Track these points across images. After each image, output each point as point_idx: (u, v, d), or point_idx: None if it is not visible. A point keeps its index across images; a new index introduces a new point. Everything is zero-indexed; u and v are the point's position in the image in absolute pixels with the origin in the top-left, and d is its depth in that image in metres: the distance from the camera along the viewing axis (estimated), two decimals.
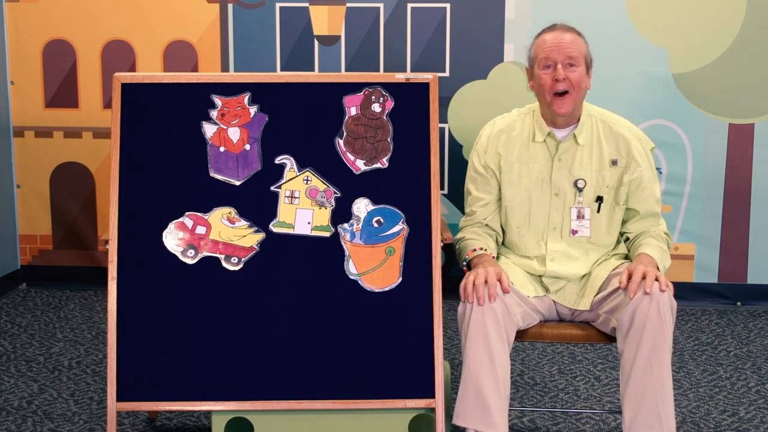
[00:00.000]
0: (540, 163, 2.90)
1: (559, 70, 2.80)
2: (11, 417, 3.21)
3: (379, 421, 2.80)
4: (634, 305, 2.65)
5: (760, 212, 4.47)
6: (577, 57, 2.82)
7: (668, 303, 2.66)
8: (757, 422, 3.23)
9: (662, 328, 2.63)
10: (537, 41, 2.89)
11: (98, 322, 4.22)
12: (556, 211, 2.90)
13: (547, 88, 2.83)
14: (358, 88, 2.88)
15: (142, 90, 2.87)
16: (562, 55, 2.81)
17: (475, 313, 2.66)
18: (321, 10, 4.43)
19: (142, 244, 2.80)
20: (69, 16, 4.52)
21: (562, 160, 2.89)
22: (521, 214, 2.92)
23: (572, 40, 2.83)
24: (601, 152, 2.89)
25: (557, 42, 2.82)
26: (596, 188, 2.89)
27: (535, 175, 2.90)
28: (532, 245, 2.92)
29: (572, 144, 2.89)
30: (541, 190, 2.90)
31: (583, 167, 2.89)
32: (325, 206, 2.84)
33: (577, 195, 2.89)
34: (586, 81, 2.87)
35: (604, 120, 2.93)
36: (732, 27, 4.33)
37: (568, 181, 2.89)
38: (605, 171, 2.89)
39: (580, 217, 2.90)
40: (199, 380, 2.76)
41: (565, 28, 2.87)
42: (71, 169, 4.64)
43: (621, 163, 2.89)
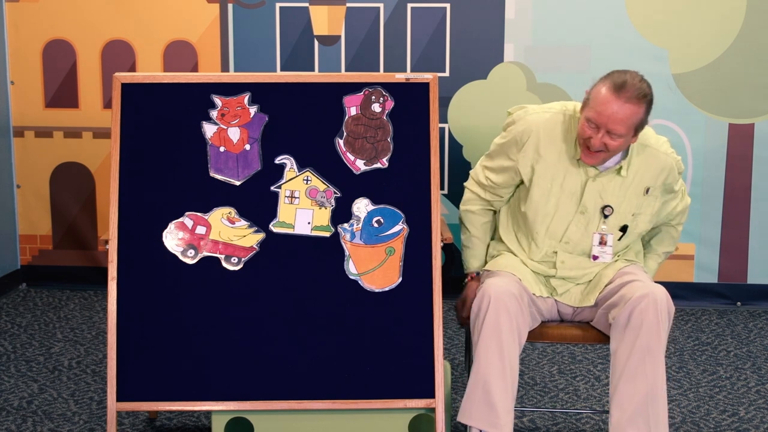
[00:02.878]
0: (575, 176, 2.81)
1: (598, 138, 2.66)
2: (11, 417, 3.21)
3: (379, 421, 2.80)
4: (632, 304, 2.65)
5: (760, 212, 4.47)
6: (623, 133, 2.65)
7: (666, 306, 2.65)
8: (757, 422, 3.23)
9: (658, 330, 2.62)
10: (598, 88, 2.68)
11: (98, 322, 4.22)
12: (575, 226, 2.85)
13: (582, 138, 2.72)
14: (358, 88, 2.88)
15: (142, 90, 2.87)
16: (607, 126, 2.64)
17: (491, 311, 2.66)
18: (321, 10, 4.43)
19: (142, 244, 2.80)
20: (69, 16, 4.51)
21: (596, 182, 2.81)
22: (544, 222, 2.85)
23: (627, 115, 2.63)
24: (638, 180, 2.82)
25: (610, 111, 2.62)
26: (623, 217, 2.84)
27: (567, 186, 2.82)
28: (543, 251, 2.88)
29: (611, 172, 2.81)
30: (569, 201, 2.83)
31: (615, 194, 2.81)
32: (325, 206, 2.84)
33: (601, 222, 2.84)
34: (630, 141, 2.73)
35: (646, 144, 2.82)
36: (732, 27, 4.33)
37: (597, 204, 2.82)
38: (637, 198, 2.83)
39: (603, 243, 2.85)
40: (199, 380, 2.76)
41: (629, 95, 2.62)
42: (71, 169, 4.64)
43: (654, 192, 2.83)
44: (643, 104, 2.65)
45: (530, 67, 4.39)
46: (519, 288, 2.76)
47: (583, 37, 4.37)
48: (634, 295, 2.67)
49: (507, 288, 2.71)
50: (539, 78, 4.39)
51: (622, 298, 2.71)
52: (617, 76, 2.66)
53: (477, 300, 2.72)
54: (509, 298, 2.69)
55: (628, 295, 2.70)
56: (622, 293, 2.73)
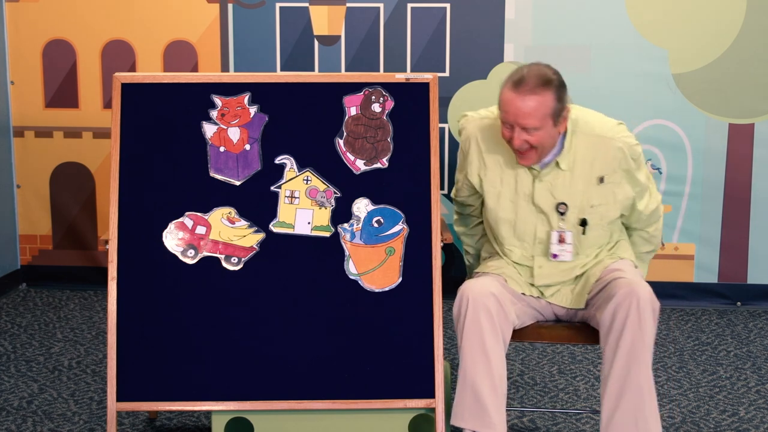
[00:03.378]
0: (523, 177, 2.79)
1: (515, 137, 2.66)
2: (11, 417, 3.21)
3: (379, 421, 2.80)
4: (615, 303, 2.62)
5: (760, 212, 4.47)
6: (536, 125, 2.63)
7: (649, 303, 2.61)
8: (757, 422, 3.23)
9: (641, 329, 2.59)
10: (502, 90, 2.69)
11: (98, 322, 4.22)
12: (541, 227, 2.82)
13: (506, 139, 2.71)
14: (358, 88, 2.88)
15: (142, 90, 2.87)
16: (519, 123, 2.64)
17: (471, 312, 2.65)
18: (321, 10, 4.43)
19: (142, 244, 2.80)
20: (69, 16, 4.51)
21: (543, 182, 2.78)
22: (507, 226, 2.84)
23: (532, 108, 2.61)
24: (586, 171, 2.77)
25: (515, 110, 2.63)
26: (580, 210, 2.79)
27: (520, 188, 2.80)
28: (519, 256, 2.86)
29: (554, 168, 2.77)
30: (526, 203, 2.81)
31: (566, 190, 2.77)
32: (325, 206, 2.84)
33: (559, 219, 2.80)
34: (554, 133, 2.69)
35: (588, 132, 2.76)
36: (732, 27, 4.33)
37: (551, 203, 2.79)
38: (591, 189, 2.77)
39: (561, 241, 2.80)
40: (199, 380, 2.76)
41: (528, 89, 2.62)
42: (71, 169, 4.64)
43: (609, 178, 2.77)
44: (547, 91, 2.62)
45: None
46: (499, 287, 2.73)
47: (583, 37, 4.37)
48: (616, 294, 2.64)
49: (485, 288, 2.68)
50: None
51: (606, 299, 2.68)
52: (515, 73, 2.67)
53: (456, 302, 2.70)
54: (487, 297, 2.66)
55: (611, 294, 2.67)
56: (606, 293, 2.71)
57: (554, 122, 2.67)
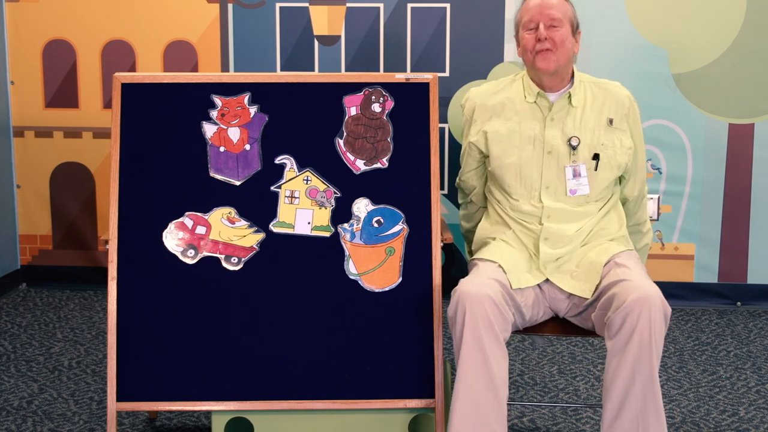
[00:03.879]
0: (531, 120, 2.84)
1: (541, 30, 2.77)
2: (11, 417, 3.21)
3: (379, 421, 2.80)
4: (626, 309, 2.53)
5: (760, 212, 4.47)
6: (561, 18, 2.79)
7: (661, 313, 2.53)
8: (757, 422, 3.23)
9: (650, 340, 2.51)
10: (522, 6, 2.86)
11: (98, 322, 4.22)
12: (548, 169, 2.81)
13: (530, 48, 2.80)
14: (358, 88, 2.88)
15: (142, 90, 2.87)
16: (545, 17, 2.78)
17: (469, 322, 2.55)
18: (321, 10, 4.43)
19: (142, 244, 2.80)
20: (69, 16, 4.51)
21: (554, 120, 2.82)
22: (512, 171, 2.83)
23: (557, 2, 2.81)
24: (596, 112, 2.84)
25: (540, 3, 2.80)
26: (591, 147, 2.82)
27: (526, 132, 2.83)
28: (525, 204, 2.83)
29: (565, 104, 2.83)
30: (532, 147, 2.82)
31: (576, 126, 2.83)
32: (325, 206, 2.84)
33: (571, 153, 2.81)
34: (573, 43, 2.83)
35: (597, 83, 2.90)
36: (732, 27, 4.33)
37: (562, 140, 2.81)
38: (601, 130, 2.83)
39: (577, 175, 2.81)
40: (199, 380, 2.76)
41: None
42: (71, 169, 4.64)
43: (617, 124, 2.84)
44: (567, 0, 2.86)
45: None
46: (495, 286, 2.63)
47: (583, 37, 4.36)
48: (627, 298, 2.55)
49: (481, 290, 2.58)
50: None
51: (614, 300, 2.60)
52: None
53: (452, 307, 2.60)
54: (484, 301, 2.56)
55: (621, 297, 2.58)
56: (614, 293, 2.62)
57: (573, 30, 2.83)
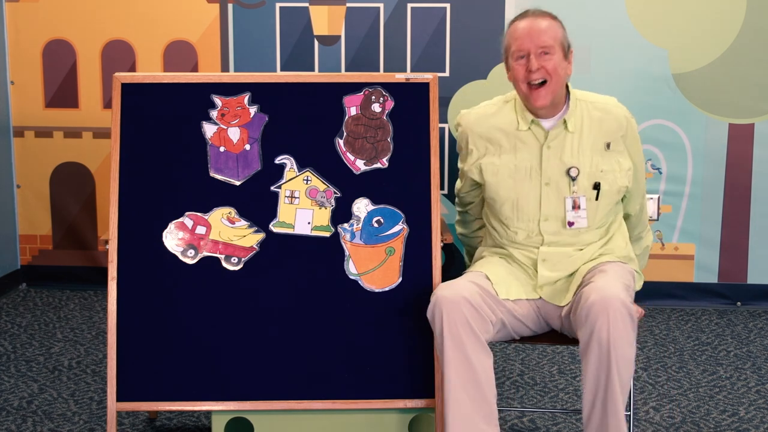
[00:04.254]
0: (527, 151, 2.74)
1: (532, 60, 2.65)
2: (11, 417, 3.21)
3: (379, 421, 2.80)
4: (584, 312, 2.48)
5: (760, 212, 4.47)
6: (551, 45, 2.66)
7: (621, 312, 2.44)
8: (757, 422, 3.23)
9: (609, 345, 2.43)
10: (509, 30, 2.73)
11: (98, 322, 4.22)
12: (547, 201, 2.73)
13: (521, 79, 2.68)
14: (358, 88, 2.88)
15: (142, 90, 2.87)
16: (535, 45, 2.65)
17: (447, 325, 2.53)
18: (321, 10, 4.43)
19: (142, 244, 2.80)
20: (69, 16, 4.51)
21: (551, 148, 2.72)
22: (508, 205, 2.76)
23: (546, 26, 2.68)
24: (593, 136, 2.73)
25: (528, 30, 2.67)
26: (591, 175, 2.72)
27: (522, 164, 2.74)
28: (522, 236, 2.76)
29: (561, 131, 2.73)
30: (530, 179, 2.73)
31: (575, 154, 2.72)
32: (325, 206, 2.84)
33: (570, 184, 2.72)
34: (566, 68, 2.71)
35: (593, 102, 2.77)
36: (732, 27, 4.33)
37: (560, 170, 2.72)
38: (599, 155, 2.73)
39: (576, 207, 2.72)
40: (199, 380, 2.76)
41: (537, 13, 2.71)
42: (71, 169, 4.64)
43: (615, 146, 2.74)
44: (556, 20, 2.73)
45: None
46: (472, 288, 2.60)
47: (583, 37, 4.36)
48: (587, 301, 2.49)
49: (457, 294, 2.56)
50: None
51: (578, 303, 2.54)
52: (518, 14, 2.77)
53: (429, 310, 2.60)
54: (461, 304, 2.55)
55: (582, 299, 2.53)
56: (579, 295, 2.58)
57: (564, 54, 2.71)
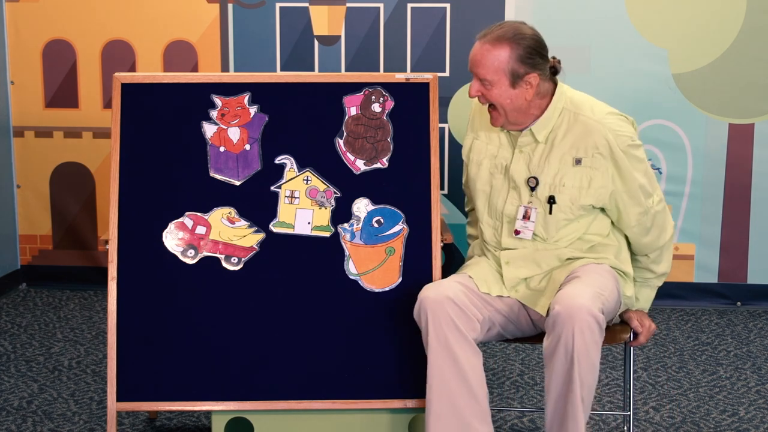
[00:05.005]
0: (505, 150, 2.74)
1: (472, 85, 2.66)
2: (11, 417, 3.21)
3: (379, 421, 2.80)
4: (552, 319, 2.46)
5: (760, 212, 4.47)
6: (489, 78, 2.60)
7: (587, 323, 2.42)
8: (757, 422, 3.23)
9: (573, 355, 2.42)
10: None
11: (98, 322, 4.22)
12: (511, 203, 2.72)
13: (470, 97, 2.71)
14: (358, 88, 2.88)
15: (142, 90, 2.87)
16: (474, 73, 2.64)
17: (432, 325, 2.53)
18: (321, 10, 4.43)
19: (142, 244, 2.80)
20: (69, 16, 4.51)
21: (523, 152, 2.70)
22: (483, 199, 2.78)
23: (487, 58, 2.59)
24: (566, 149, 2.66)
25: (472, 56, 2.64)
26: (551, 187, 2.67)
27: (499, 161, 2.74)
28: (489, 232, 2.78)
29: (531, 140, 2.69)
30: (502, 177, 2.74)
31: (541, 165, 2.68)
32: (325, 206, 2.84)
33: (529, 194, 2.70)
34: (516, 95, 2.61)
35: (579, 113, 2.66)
36: (732, 27, 4.33)
37: (524, 177, 2.70)
38: (566, 168, 2.66)
39: (526, 217, 2.69)
40: (199, 380, 2.76)
41: (489, 38, 2.60)
42: (71, 169, 4.64)
43: (587, 162, 2.64)
44: (505, 47, 2.57)
45: None
46: (457, 288, 2.60)
47: (583, 37, 4.37)
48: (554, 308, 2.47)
49: (441, 294, 2.56)
50: None
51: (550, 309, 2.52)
52: (489, 27, 2.65)
53: (415, 312, 2.60)
54: (445, 303, 2.54)
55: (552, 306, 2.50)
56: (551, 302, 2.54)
57: (511, 82, 2.59)
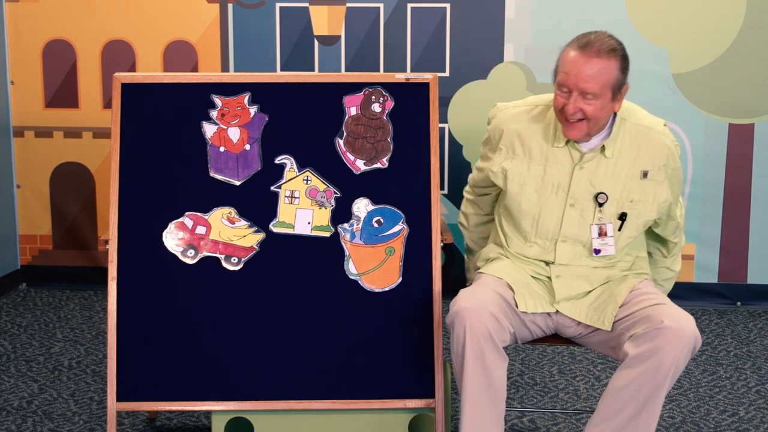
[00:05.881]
0: (558, 167, 2.63)
1: (571, 102, 2.51)
2: (11, 417, 3.21)
3: (379, 421, 2.80)
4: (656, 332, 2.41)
5: (760, 212, 4.47)
6: (597, 92, 2.50)
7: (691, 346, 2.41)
8: (757, 422, 3.23)
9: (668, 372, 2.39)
10: (563, 52, 2.56)
11: (98, 322, 4.22)
12: (569, 222, 2.62)
13: (558, 108, 2.56)
14: (358, 88, 2.88)
15: (142, 90, 2.87)
16: (578, 87, 2.50)
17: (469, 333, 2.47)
18: (321, 10, 4.43)
19: (142, 244, 2.80)
20: (69, 16, 4.51)
21: (584, 169, 2.61)
22: (529, 220, 2.66)
23: (597, 72, 2.49)
24: (632, 162, 2.60)
25: (577, 69, 2.50)
26: (619, 203, 2.61)
27: (549, 179, 2.63)
28: (536, 251, 2.68)
29: (598, 154, 2.61)
30: (555, 196, 2.63)
31: (607, 179, 2.60)
32: (325, 206, 2.84)
33: (597, 210, 2.61)
34: (612, 107, 2.55)
35: (641, 124, 2.63)
36: (732, 27, 4.33)
37: (589, 193, 2.61)
38: (633, 183, 2.60)
39: (602, 234, 2.61)
40: (199, 380, 2.76)
41: (596, 49, 2.50)
42: (71, 169, 4.64)
43: (654, 176, 2.60)
44: (613, 58, 2.51)
45: (530, 67, 4.39)
46: (495, 299, 2.54)
47: None
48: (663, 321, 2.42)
49: (482, 307, 2.49)
50: (539, 78, 4.39)
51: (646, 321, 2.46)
52: (582, 37, 2.54)
53: (450, 318, 2.51)
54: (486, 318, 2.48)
55: (655, 318, 2.44)
56: (647, 315, 2.48)
57: (613, 95, 2.53)
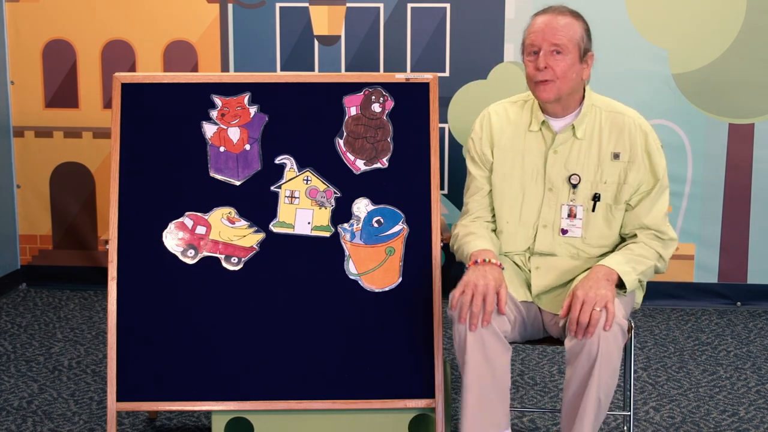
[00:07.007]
0: (534, 154, 2.70)
1: (541, 57, 2.58)
2: (11, 417, 3.21)
3: (379, 421, 2.80)
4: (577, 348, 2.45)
5: (760, 212, 4.47)
6: (565, 44, 2.57)
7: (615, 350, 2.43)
8: (757, 422, 3.23)
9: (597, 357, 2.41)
10: (529, 24, 2.67)
11: (98, 322, 4.22)
12: (548, 207, 2.69)
13: (530, 76, 2.62)
14: (358, 88, 2.88)
15: (142, 90, 2.87)
16: (548, 42, 2.57)
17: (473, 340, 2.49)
18: (321, 10, 4.43)
19: (142, 244, 2.80)
20: (69, 16, 4.51)
21: (558, 153, 2.68)
22: (513, 208, 2.72)
23: (563, 24, 2.59)
24: (601, 144, 2.67)
25: (544, 26, 2.59)
26: (593, 185, 2.67)
27: (529, 167, 2.70)
28: (520, 241, 2.73)
29: (569, 136, 2.67)
30: (534, 183, 2.70)
31: (580, 161, 2.67)
32: (325, 206, 2.84)
33: (570, 192, 2.68)
34: (580, 70, 2.62)
35: (611, 109, 2.70)
36: (732, 27, 4.33)
37: (563, 176, 2.68)
38: (605, 165, 2.66)
39: (572, 215, 2.68)
40: (199, 380, 2.76)
41: (559, 10, 2.63)
42: (71, 169, 4.64)
43: (624, 157, 2.65)
44: (577, 19, 2.63)
45: None
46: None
47: None
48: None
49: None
50: None
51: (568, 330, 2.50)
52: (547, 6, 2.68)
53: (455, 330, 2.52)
54: None
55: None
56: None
57: (580, 57, 2.61)
